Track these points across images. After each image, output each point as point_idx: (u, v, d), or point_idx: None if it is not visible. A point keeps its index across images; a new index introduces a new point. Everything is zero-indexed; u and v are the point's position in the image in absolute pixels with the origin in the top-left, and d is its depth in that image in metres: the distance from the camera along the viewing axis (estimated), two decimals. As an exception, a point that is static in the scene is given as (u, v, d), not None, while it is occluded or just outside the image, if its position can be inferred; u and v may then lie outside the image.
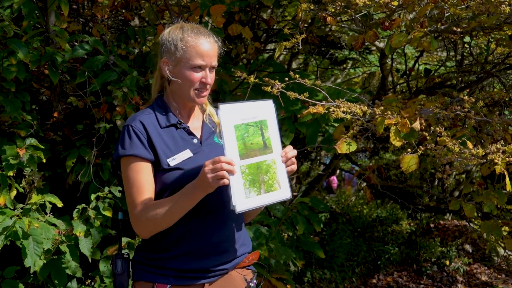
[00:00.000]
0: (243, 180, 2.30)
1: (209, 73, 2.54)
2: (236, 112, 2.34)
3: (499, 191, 4.32)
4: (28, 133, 4.44)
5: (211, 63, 2.54)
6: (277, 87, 3.85)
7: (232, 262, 2.57)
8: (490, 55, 6.42)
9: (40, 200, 4.01)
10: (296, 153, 2.45)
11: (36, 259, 3.83)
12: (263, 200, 2.34)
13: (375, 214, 10.19)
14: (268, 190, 2.35)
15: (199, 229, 2.48)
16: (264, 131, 2.39)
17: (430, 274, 8.48)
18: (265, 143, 2.38)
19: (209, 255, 2.50)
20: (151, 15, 5.72)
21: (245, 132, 2.34)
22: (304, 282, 7.29)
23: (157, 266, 2.51)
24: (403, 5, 4.15)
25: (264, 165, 2.36)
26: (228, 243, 2.56)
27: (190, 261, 2.48)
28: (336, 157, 6.97)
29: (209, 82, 2.55)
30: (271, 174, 2.37)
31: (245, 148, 2.32)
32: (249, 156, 2.33)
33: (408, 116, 3.72)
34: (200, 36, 2.53)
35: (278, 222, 4.84)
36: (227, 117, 2.32)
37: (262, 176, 2.34)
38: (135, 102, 4.52)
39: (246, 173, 2.31)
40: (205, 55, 2.52)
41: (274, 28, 6.96)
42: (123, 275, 2.60)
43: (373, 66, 9.57)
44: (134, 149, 2.45)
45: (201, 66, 2.52)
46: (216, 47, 2.57)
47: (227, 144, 2.29)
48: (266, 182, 2.35)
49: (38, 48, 4.39)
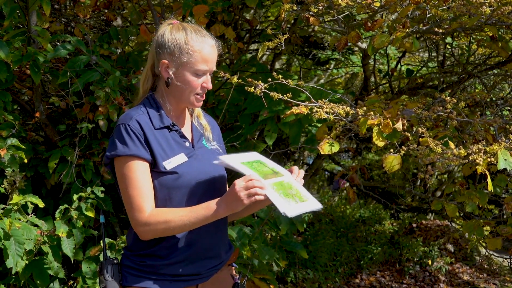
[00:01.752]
0: (278, 193, 2.35)
1: (209, 78, 2.51)
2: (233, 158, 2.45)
3: (481, 191, 4.35)
4: (9, 133, 4.41)
5: (213, 68, 2.51)
6: (260, 88, 3.85)
7: (222, 263, 2.62)
8: (472, 56, 6.47)
9: (22, 200, 3.99)
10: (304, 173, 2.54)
11: (18, 260, 3.81)
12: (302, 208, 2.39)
13: (358, 214, 10.20)
14: (301, 201, 2.41)
15: (195, 236, 2.47)
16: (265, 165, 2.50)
17: (412, 274, 8.51)
18: (273, 171, 2.47)
19: (204, 259, 2.51)
20: (133, 15, 5.71)
21: (251, 166, 2.42)
22: (287, 282, 7.29)
23: (152, 272, 2.47)
24: (385, 6, 4.17)
25: (285, 184, 2.43)
26: (219, 245, 2.58)
27: (186, 267, 2.47)
28: (319, 158, 6.98)
29: (210, 87, 2.51)
30: (293, 190, 2.43)
31: (261, 174, 2.39)
32: (268, 178, 2.39)
33: (390, 116, 3.74)
34: (205, 40, 2.47)
35: (261, 222, 4.84)
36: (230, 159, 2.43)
37: (289, 190, 2.40)
38: (117, 102, 4.50)
39: (275, 189, 2.36)
40: (209, 60, 2.47)
41: (257, 29, 6.96)
42: (113, 281, 2.48)
43: (355, 66, 9.58)
44: (136, 150, 2.38)
45: (204, 71, 2.47)
46: (217, 51, 2.53)
47: (245, 171, 2.37)
48: (294, 196, 2.40)
49: (20, 48, 4.37)
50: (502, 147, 3.49)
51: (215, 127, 2.77)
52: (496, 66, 5.53)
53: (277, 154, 7.18)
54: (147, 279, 2.46)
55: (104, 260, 2.53)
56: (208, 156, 2.53)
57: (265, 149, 6.02)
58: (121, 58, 5.17)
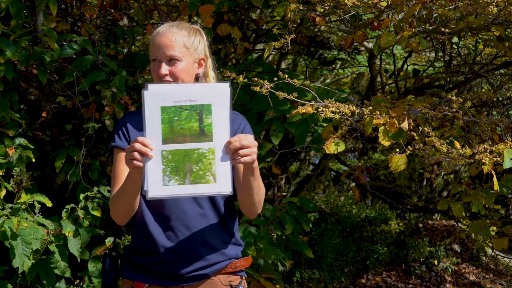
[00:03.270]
0: (163, 166, 2.17)
1: (164, 65, 2.48)
2: (167, 93, 2.19)
3: (487, 191, 4.34)
4: (16, 132, 4.42)
5: (166, 54, 2.48)
6: (266, 87, 3.85)
7: (213, 268, 2.53)
8: (478, 56, 6.45)
9: (29, 199, 4.01)
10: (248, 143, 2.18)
11: (25, 259, 3.82)
12: (187, 191, 2.18)
13: (364, 214, 10.20)
14: (196, 181, 2.18)
15: (173, 237, 2.48)
16: (204, 116, 2.19)
17: (418, 274, 8.50)
18: (203, 129, 2.19)
19: (187, 261, 2.48)
20: (140, 15, 5.72)
21: (175, 115, 2.18)
22: (293, 282, 7.29)
23: (137, 267, 2.54)
24: (391, 5, 4.17)
25: (195, 154, 2.18)
26: (206, 249, 2.51)
27: (169, 267, 2.48)
28: (325, 157, 6.98)
29: (161, 74, 2.48)
30: (204, 164, 2.18)
31: (171, 132, 2.18)
32: (175, 142, 2.18)
33: (396, 116, 3.73)
34: (160, 30, 2.53)
35: (266, 221, 4.85)
36: (153, 98, 2.18)
37: (190, 165, 2.18)
38: (124, 102, 4.51)
39: (168, 159, 2.17)
40: (159, 47, 2.49)
41: (263, 28, 6.96)
42: (110, 272, 2.61)
43: (362, 66, 9.58)
44: (119, 142, 2.52)
45: (156, 58, 2.50)
46: (175, 37, 2.50)
47: (148, 125, 2.17)
48: (194, 172, 2.17)
49: (27, 48, 4.38)
50: (508, 147, 3.49)
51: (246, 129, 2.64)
52: (503, 66, 5.53)
53: (283, 154, 7.19)
54: (136, 273, 2.54)
55: (104, 253, 2.67)
56: None
57: (271, 148, 6.03)
58: (127, 57, 5.18)
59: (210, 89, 2.21)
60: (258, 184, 2.41)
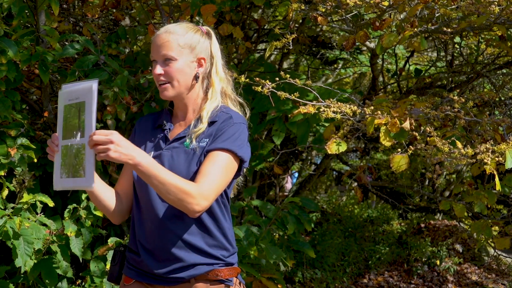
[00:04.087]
0: (61, 160, 2.33)
1: (158, 66, 2.50)
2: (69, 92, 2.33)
3: (489, 191, 4.34)
4: (18, 132, 4.42)
5: (161, 54, 2.50)
6: (267, 87, 3.85)
7: (190, 272, 2.47)
8: (480, 56, 6.45)
9: (32, 199, 4.01)
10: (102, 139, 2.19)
11: (27, 259, 3.82)
12: (69, 184, 2.31)
13: (366, 214, 10.20)
14: (74, 175, 2.28)
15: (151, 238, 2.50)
16: (81, 113, 2.27)
17: (420, 274, 8.50)
18: (79, 126, 2.28)
19: (164, 262, 2.47)
20: (141, 15, 5.72)
21: (68, 113, 2.32)
22: (295, 282, 7.30)
23: (129, 262, 2.59)
24: (393, 5, 4.17)
25: (74, 149, 2.28)
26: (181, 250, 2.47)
27: (149, 267, 2.49)
28: (327, 157, 6.98)
29: (155, 74, 2.51)
30: (79, 159, 2.27)
31: (66, 129, 2.32)
32: (67, 138, 2.31)
33: (398, 116, 3.73)
34: (159, 31, 2.56)
35: (268, 221, 4.84)
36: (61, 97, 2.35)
37: (72, 159, 2.29)
38: (125, 102, 4.51)
39: (63, 153, 2.33)
40: (155, 48, 2.52)
41: (265, 28, 6.96)
42: (115, 266, 2.66)
43: (364, 66, 9.58)
44: None
45: (154, 59, 2.53)
46: (170, 37, 2.51)
47: (58, 122, 2.35)
48: (73, 167, 2.28)
49: (28, 48, 4.38)
50: (510, 147, 3.48)
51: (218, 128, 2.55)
52: (505, 66, 5.52)
53: (285, 154, 7.19)
54: (126, 267, 2.61)
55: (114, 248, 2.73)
56: (178, 156, 2.49)
57: (273, 148, 6.03)
58: (129, 57, 5.18)
59: (84, 88, 2.28)
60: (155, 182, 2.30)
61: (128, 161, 2.24)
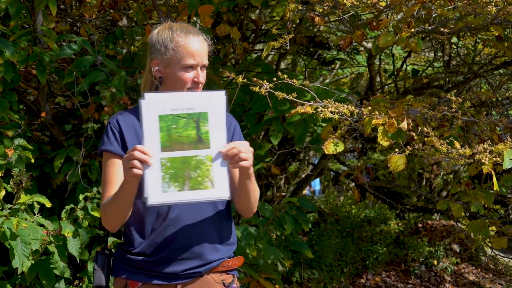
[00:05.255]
0: (163, 173, 2.20)
1: (200, 72, 2.52)
2: (165, 102, 2.23)
3: (486, 191, 4.34)
4: (15, 133, 4.42)
5: (202, 62, 2.52)
6: (265, 87, 3.85)
7: (207, 266, 2.53)
8: (477, 56, 6.46)
9: (29, 200, 4.01)
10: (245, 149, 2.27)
11: (24, 260, 3.82)
12: (186, 197, 2.23)
13: (363, 214, 10.21)
14: (194, 187, 2.22)
15: (167, 236, 2.48)
16: (201, 124, 2.24)
17: (418, 274, 8.51)
18: (200, 137, 2.24)
19: (180, 260, 2.49)
20: (139, 15, 5.72)
21: (173, 124, 2.22)
22: (292, 282, 7.30)
23: (131, 265, 2.53)
24: (390, 5, 4.17)
25: (193, 161, 2.23)
26: (203, 248, 2.51)
27: (161, 265, 2.48)
28: (325, 157, 6.98)
29: (201, 81, 2.53)
30: (202, 171, 2.23)
31: (170, 140, 2.21)
32: (174, 149, 2.22)
33: (395, 116, 3.73)
34: (189, 35, 2.52)
35: (266, 222, 4.84)
36: (151, 107, 2.21)
37: (188, 171, 2.22)
38: (123, 102, 4.51)
39: (167, 166, 2.21)
40: (196, 54, 2.50)
41: (262, 29, 6.96)
42: (101, 270, 2.62)
43: (361, 66, 9.59)
44: (108, 145, 2.49)
45: (192, 65, 2.50)
46: (206, 46, 2.55)
47: (146, 133, 2.20)
48: (193, 179, 2.22)
49: (26, 48, 4.38)
50: (507, 147, 3.49)
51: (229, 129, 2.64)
52: (502, 66, 5.53)
53: (282, 154, 7.19)
54: (127, 270, 2.54)
55: (96, 251, 2.68)
56: None
57: (270, 148, 6.03)
58: (126, 58, 5.18)
59: (206, 97, 2.26)
60: (254, 187, 2.51)
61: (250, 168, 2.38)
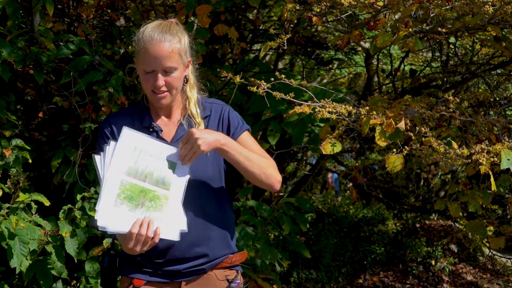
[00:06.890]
0: (119, 190, 2.29)
1: (160, 76, 2.40)
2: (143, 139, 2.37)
3: (484, 191, 4.34)
4: (13, 133, 4.41)
5: (161, 66, 2.40)
6: (263, 87, 3.85)
7: (210, 263, 2.55)
8: (475, 56, 6.46)
9: (27, 199, 4.00)
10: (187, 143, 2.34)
11: (22, 259, 3.82)
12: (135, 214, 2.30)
13: (361, 214, 10.21)
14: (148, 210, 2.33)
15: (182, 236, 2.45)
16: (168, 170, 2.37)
17: (416, 274, 8.51)
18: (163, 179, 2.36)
19: (185, 258, 2.49)
20: (136, 15, 5.71)
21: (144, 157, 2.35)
22: (290, 282, 7.30)
23: (136, 264, 2.54)
24: (388, 5, 4.17)
25: (151, 193, 2.33)
26: (203, 244, 2.52)
27: (166, 264, 2.49)
28: (323, 158, 6.98)
29: (157, 86, 2.41)
30: (156, 204, 2.34)
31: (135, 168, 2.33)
32: (136, 178, 2.32)
33: (393, 116, 3.73)
34: (152, 39, 2.40)
35: (264, 222, 4.84)
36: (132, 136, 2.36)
37: (144, 200, 2.31)
38: (120, 102, 4.50)
39: (126, 188, 2.30)
40: (153, 59, 2.38)
41: (260, 29, 6.96)
42: (108, 270, 2.61)
43: (359, 66, 9.60)
44: (101, 149, 2.43)
45: (151, 70, 2.41)
46: (170, 48, 2.41)
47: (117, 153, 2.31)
48: (146, 206, 2.32)
49: (23, 48, 4.37)
50: (505, 147, 3.48)
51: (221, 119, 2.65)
52: (500, 66, 5.52)
53: (280, 154, 7.19)
54: (132, 269, 2.55)
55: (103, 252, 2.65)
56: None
57: (268, 148, 6.03)
58: (124, 58, 5.17)
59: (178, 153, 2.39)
60: (246, 157, 2.47)
61: (217, 146, 2.36)
